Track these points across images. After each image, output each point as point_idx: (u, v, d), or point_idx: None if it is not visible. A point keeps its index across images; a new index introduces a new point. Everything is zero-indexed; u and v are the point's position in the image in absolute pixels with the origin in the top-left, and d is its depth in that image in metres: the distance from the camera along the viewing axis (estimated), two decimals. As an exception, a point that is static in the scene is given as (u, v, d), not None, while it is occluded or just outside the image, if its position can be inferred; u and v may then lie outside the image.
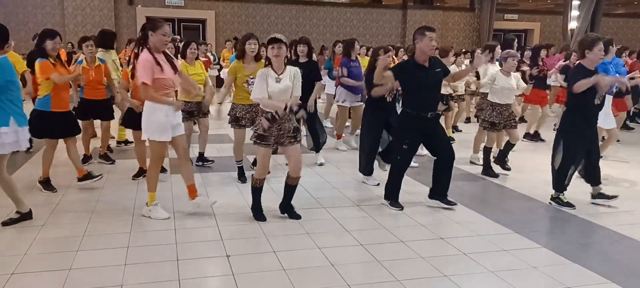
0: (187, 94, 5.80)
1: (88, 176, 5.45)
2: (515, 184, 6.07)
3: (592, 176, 5.31)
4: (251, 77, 5.42)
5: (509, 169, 6.58)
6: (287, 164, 4.75)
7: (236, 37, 15.89)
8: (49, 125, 5.21)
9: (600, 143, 5.92)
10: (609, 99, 6.62)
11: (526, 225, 4.66)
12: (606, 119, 6.63)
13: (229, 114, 5.84)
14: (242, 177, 5.86)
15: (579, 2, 19.04)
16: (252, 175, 4.65)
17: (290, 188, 4.60)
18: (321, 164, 6.78)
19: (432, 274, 3.58)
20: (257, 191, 4.58)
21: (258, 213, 4.61)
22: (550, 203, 5.28)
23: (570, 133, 5.09)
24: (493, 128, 6.37)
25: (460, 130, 9.68)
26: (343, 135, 8.07)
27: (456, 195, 5.48)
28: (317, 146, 6.83)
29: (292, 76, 4.34)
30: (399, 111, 5.26)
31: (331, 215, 4.79)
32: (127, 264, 3.62)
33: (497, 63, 7.16)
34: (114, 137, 7.56)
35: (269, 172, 5.62)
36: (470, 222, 4.69)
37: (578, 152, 5.13)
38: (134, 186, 5.59)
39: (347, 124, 8.42)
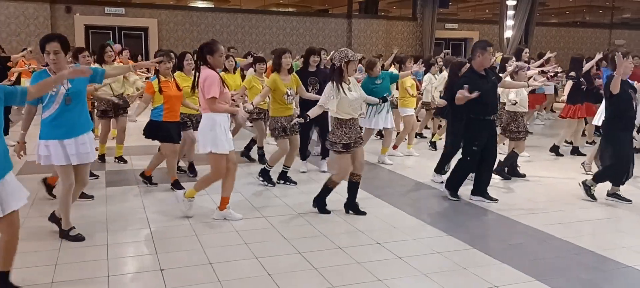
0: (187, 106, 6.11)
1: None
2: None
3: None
4: (290, 88, 5.90)
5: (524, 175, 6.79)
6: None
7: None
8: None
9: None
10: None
11: (459, 227, 4.82)
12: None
13: (272, 127, 6.07)
14: (271, 182, 6.10)
15: (513, 12, 19.91)
16: (331, 177, 5.08)
17: (354, 185, 5.04)
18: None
19: (368, 279, 3.64)
20: (329, 191, 5.05)
21: (324, 208, 5.06)
22: (579, 185, 5.81)
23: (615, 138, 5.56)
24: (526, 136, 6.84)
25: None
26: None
27: (395, 200, 5.61)
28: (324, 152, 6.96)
29: (358, 86, 4.97)
30: None
31: (270, 223, 4.79)
32: (54, 282, 3.49)
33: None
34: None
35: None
36: (406, 226, 4.80)
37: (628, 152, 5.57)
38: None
39: None
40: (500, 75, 6.08)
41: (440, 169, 6.53)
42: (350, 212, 5.08)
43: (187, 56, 6.39)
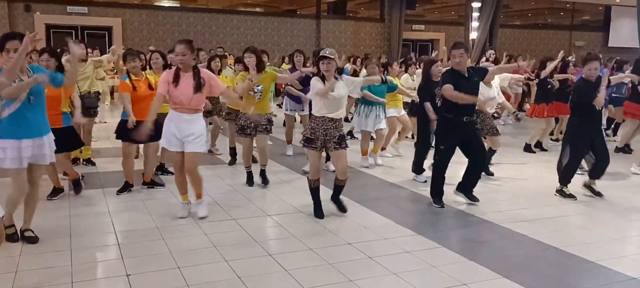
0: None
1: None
2: (423, 188, 6.30)
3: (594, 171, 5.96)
4: (257, 85, 5.80)
5: (492, 174, 6.86)
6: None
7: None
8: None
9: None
10: None
11: (427, 226, 4.87)
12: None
13: (240, 125, 6.00)
14: (250, 182, 6.14)
15: (478, 14, 20.32)
16: (307, 177, 5.06)
17: (338, 187, 5.07)
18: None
19: (339, 280, 3.63)
20: (314, 191, 5.01)
21: (318, 211, 5.00)
22: (555, 194, 5.87)
23: (575, 134, 5.80)
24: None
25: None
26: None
27: (367, 200, 5.62)
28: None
29: (344, 85, 4.88)
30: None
31: (239, 225, 4.73)
32: (14, 290, 3.36)
33: None
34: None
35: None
36: (377, 226, 4.82)
37: (583, 150, 5.83)
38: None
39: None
40: (488, 68, 6.04)
41: (417, 169, 6.57)
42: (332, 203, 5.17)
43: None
